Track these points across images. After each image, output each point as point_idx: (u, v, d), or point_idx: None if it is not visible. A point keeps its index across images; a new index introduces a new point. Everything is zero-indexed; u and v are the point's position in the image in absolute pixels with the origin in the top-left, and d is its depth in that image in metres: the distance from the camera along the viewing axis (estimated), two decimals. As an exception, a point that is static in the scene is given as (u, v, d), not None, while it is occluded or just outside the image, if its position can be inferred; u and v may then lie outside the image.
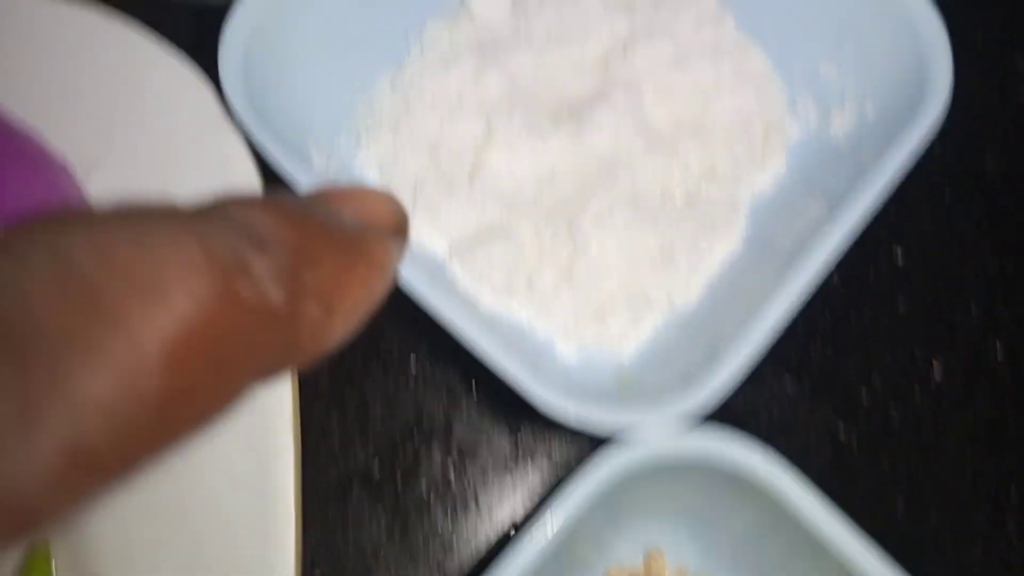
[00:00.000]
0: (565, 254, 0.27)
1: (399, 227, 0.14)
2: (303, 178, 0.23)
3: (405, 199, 0.24)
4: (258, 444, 0.22)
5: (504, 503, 0.27)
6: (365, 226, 0.13)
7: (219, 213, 0.11)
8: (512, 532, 0.27)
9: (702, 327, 0.26)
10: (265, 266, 0.11)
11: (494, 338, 0.23)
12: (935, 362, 0.29)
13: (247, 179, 0.23)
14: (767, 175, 0.28)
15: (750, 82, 0.29)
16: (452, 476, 0.28)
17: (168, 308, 0.10)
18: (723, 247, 0.28)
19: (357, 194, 0.14)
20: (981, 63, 0.32)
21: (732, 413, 0.25)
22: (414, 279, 0.23)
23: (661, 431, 0.22)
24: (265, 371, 0.12)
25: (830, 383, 0.29)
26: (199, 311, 0.10)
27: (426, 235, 0.27)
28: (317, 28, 0.27)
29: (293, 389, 0.23)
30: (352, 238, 0.13)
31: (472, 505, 0.27)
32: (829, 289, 0.29)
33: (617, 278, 0.26)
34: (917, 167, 0.25)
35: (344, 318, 0.13)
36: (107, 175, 0.24)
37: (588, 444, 0.27)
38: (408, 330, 0.28)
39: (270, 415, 0.23)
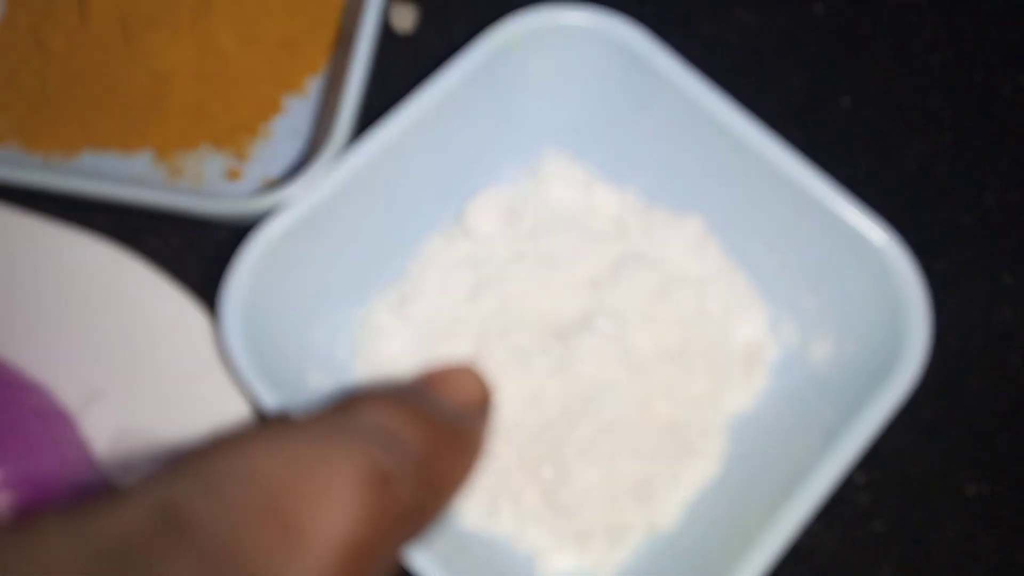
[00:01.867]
0: (548, 477, 0.28)
1: (488, 403, 0.17)
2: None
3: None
4: None
5: None
6: (464, 411, 0.16)
7: (359, 418, 0.14)
8: None
9: (683, 552, 0.27)
10: (401, 471, 0.13)
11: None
12: (911, 585, 0.30)
13: (241, 421, 0.24)
14: (748, 397, 0.29)
15: (733, 307, 0.30)
16: None
17: (339, 528, 0.12)
18: (703, 470, 0.28)
19: (452, 377, 0.16)
20: (966, 280, 0.33)
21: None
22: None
23: None
24: (398, 553, 0.14)
25: (805, 605, 0.29)
26: (360, 528, 0.13)
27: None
28: (320, 250, 0.28)
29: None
30: (458, 428, 0.15)
31: None
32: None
33: (598, 507, 0.27)
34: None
35: (452, 498, 0.15)
36: (106, 407, 0.25)
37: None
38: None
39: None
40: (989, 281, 0.33)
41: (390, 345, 0.29)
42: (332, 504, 0.13)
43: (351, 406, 0.14)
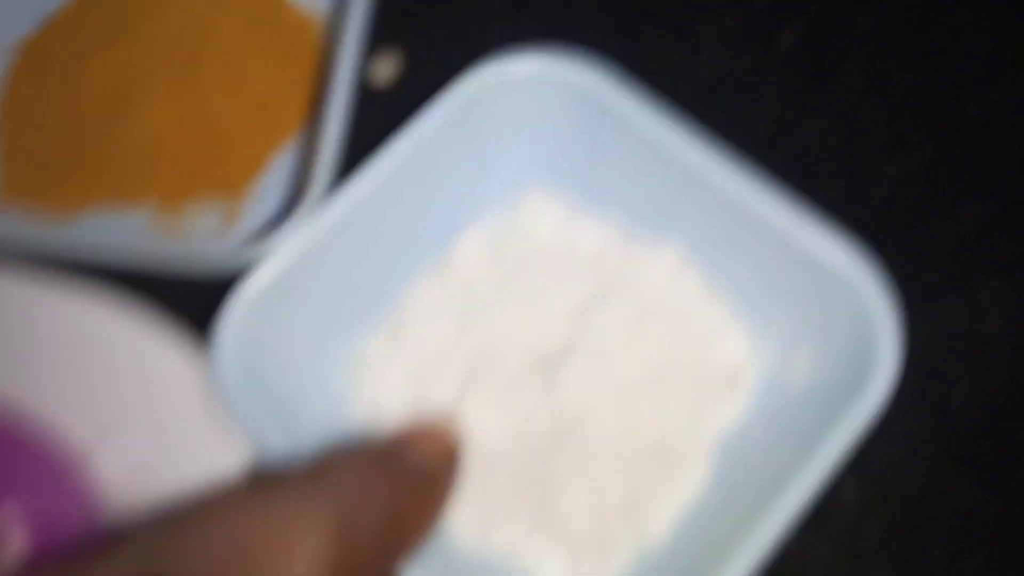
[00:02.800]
0: (538, 497, 0.28)
1: (455, 459, 0.19)
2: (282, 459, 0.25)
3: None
4: None
5: None
6: (430, 468, 0.17)
7: (331, 477, 0.15)
8: None
9: (672, 566, 0.28)
10: (366, 524, 0.15)
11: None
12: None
13: (237, 468, 0.25)
14: (731, 417, 0.30)
15: (713, 331, 0.30)
16: None
17: None
18: (688, 488, 0.29)
19: (422, 436, 0.18)
20: (944, 298, 0.33)
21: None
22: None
23: None
24: None
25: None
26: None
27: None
28: (307, 299, 0.29)
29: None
30: (424, 484, 0.17)
31: None
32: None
33: (587, 524, 0.28)
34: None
35: (415, 546, 0.16)
36: (108, 453, 0.26)
37: None
38: None
39: None
40: (968, 298, 0.34)
41: (382, 383, 0.30)
42: (303, 556, 0.14)
43: (324, 465, 0.16)
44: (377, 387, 0.30)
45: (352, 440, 0.30)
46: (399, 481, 0.16)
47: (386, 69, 0.36)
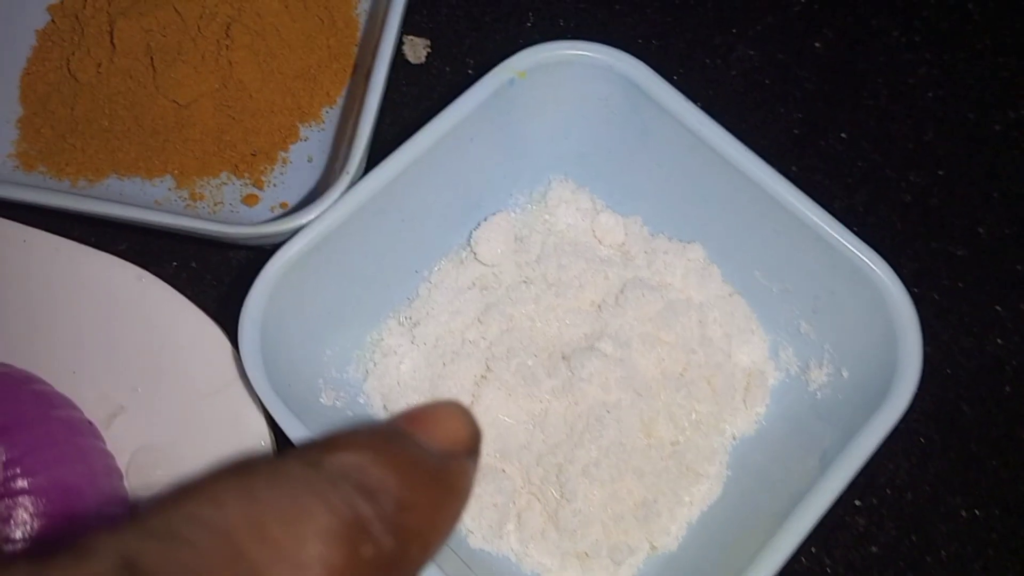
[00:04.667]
0: (553, 498, 0.28)
1: (476, 444, 0.16)
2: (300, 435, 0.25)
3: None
4: None
5: None
6: (447, 453, 0.15)
7: (336, 462, 0.13)
8: None
9: (684, 571, 0.28)
10: (380, 517, 0.13)
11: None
12: (906, 606, 0.30)
13: (258, 437, 0.25)
14: (749, 421, 0.30)
15: (735, 332, 0.31)
16: None
17: None
18: (705, 492, 0.29)
19: (437, 416, 0.16)
20: (959, 310, 0.34)
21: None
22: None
23: None
24: None
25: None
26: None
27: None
28: (335, 272, 0.29)
29: None
30: (440, 472, 0.15)
31: None
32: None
33: (601, 527, 0.28)
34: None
35: (435, 548, 0.14)
36: (128, 422, 0.26)
37: None
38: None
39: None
40: (982, 311, 0.34)
41: (400, 366, 0.30)
42: (304, 554, 0.12)
43: (328, 448, 0.14)
44: (393, 373, 0.30)
45: (363, 423, 0.30)
46: (417, 468, 0.14)
47: (421, 47, 0.36)
